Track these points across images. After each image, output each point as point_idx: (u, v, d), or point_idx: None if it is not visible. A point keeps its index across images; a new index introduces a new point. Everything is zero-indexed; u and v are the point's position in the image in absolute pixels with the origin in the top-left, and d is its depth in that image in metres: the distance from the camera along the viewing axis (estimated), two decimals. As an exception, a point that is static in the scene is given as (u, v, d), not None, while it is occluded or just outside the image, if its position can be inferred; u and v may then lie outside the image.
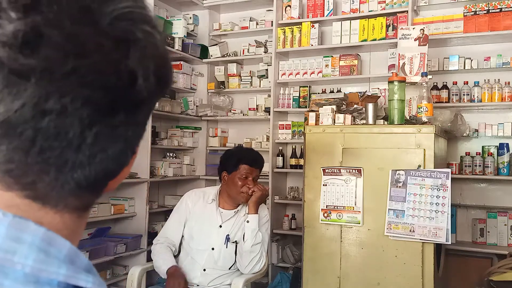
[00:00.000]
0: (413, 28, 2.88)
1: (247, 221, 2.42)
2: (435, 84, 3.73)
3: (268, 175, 4.07)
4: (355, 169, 2.40)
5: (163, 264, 2.38)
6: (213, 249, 2.43)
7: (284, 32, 4.19)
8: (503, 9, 3.55)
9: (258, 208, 2.45)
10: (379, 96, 3.40)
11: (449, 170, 2.30)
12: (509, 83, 3.57)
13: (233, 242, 2.45)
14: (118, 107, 0.39)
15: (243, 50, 4.46)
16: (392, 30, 3.80)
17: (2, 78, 0.35)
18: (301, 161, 3.91)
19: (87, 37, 0.36)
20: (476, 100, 3.64)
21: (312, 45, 4.08)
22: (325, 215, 2.45)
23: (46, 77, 0.35)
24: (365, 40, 3.90)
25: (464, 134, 3.57)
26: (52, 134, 0.37)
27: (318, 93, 4.00)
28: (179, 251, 2.55)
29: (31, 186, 0.38)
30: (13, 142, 0.36)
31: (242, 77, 4.48)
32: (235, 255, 2.45)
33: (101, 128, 0.39)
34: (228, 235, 2.45)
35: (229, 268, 2.46)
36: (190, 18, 4.52)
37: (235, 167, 2.45)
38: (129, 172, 0.48)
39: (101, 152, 0.40)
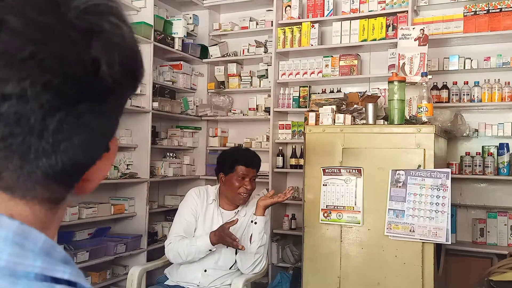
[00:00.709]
0: (413, 28, 2.88)
1: (255, 223, 2.39)
2: (435, 84, 3.73)
3: (268, 175, 4.07)
4: (355, 169, 2.40)
5: (199, 242, 2.31)
6: (213, 250, 2.43)
7: (284, 32, 4.19)
8: (503, 9, 3.55)
9: (264, 209, 2.43)
10: (379, 96, 3.40)
11: (449, 170, 2.30)
12: (509, 83, 3.57)
13: None
14: (82, 95, 0.39)
15: (243, 50, 4.46)
16: (392, 30, 3.80)
17: None
18: (301, 161, 3.91)
19: (49, 26, 0.37)
20: (476, 100, 3.64)
21: (312, 45, 4.08)
22: (325, 215, 2.45)
23: (5, 60, 0.35)
24: (365, 40, 3.90)
25: (464, 134, 3.57)
26: (13, 120, 0.36)
27: (318, 93, 4.00)
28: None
29: None
30: None
31: (242, 77, 4.48)
32: (235, 255, 2.45)
33: (64, 115, 0.38)
34: None
35: (230, 268, 2.45)
36: (190, 18, 4.52)
37: (232, 169, 2.44)
38: (107, 171, 0.47)
39: (66, 140, 0.39)
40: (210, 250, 2.32)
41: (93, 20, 0.39)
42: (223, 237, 2.25)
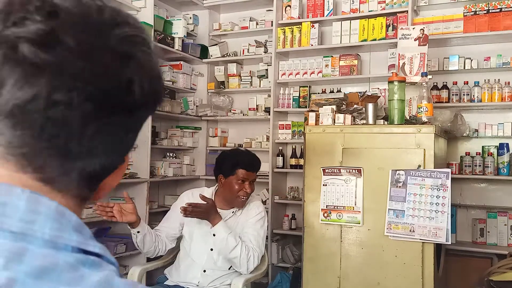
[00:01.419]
0: (413, 28, 2.88)
1: (213, 235, 2.34)
2: (435, 84, 3.73)
3: (268, 175, 4.07)
4: (355, 169, 2.41)
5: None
6: (211, 249, 2.43)
7: (284, 32, 4.19)
8: (503, 9, 3.54)
9: (217, 216, 2.35)
10: (379, 96, 3.40)
11: (449, 170, 2.30)
12: (509, 83, 3.57)
13: None
14: (116, 108, 0.46)
15: (243, 50, 4.46)
16: (392, 30, 3.80)
17: (22, 70, 0.41)
18: (301, 161, 3.91)
19: (96, 47, 0.44)
20: (476, 100, 3.64)
21: (312, 45, 4.08)
22: (325, 215, 2.45)
23: (58, 72, 0.41)
24: (365, 40, 3.90)
25: (464, 134, 3.57)
26: (59, 123, 0.42)
27: (318, 93, 4.00)
28: (179, 251, 2.55)
29: (41, 170, 0.44)
30: (27, 129, 0.42)
31: (242, 77, 4.48)
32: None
33: (100, 124, 0.45)
34: None
35: (229, 269, 2.45)
36: (190, 18, 4.52)
37: (232, 172, 2.42)
38: (117, 182, 0.53)
39: (98, 146, 0.46)
40: (138, 231, 2.29)
41: (129, 47, 0.47)
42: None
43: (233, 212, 2.49)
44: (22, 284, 0.36)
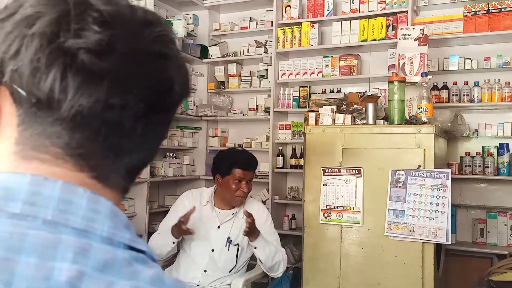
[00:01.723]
0: (413, 28, 2.88)
1: (255, 248, 2.34)
2: (435, 84, 3.73)
3: (268, 175, 4.07)
4: (355, 169, 2.41)
5: (165, 235, 2.37)
6: (213, 250, 2.42)
7: (284, 32, 4.19)
8: (503, 9, 3.55)
9: (256, 230, 2.36)
10: (379, 96, 3.40)
11: (449, 170, 2.30)
12: (509, 83, 3.57)
13: (235, 245, 2.44)
14: (162, 106, 0.50)
15: (243, 50, 4.46)
16: (392, 30, 3.80)
17: (82, 78, 0.43)
18: (301, 161, 3.91)
19: (143, 51, 0.47)
20: (476, 100, 3.64)
21: (312, 45, 4.08)
22: (325, 215, 2.45)
23: (115, 78, 0.45)
24: (365, 40, 3.90)
25: (464, 134, 3.57)
26: (113, 125, 0.46)
27: (318, 93, 4.00)
28: (178, 251, 2.55)
29: (96, 168, 0.47)
30: (85, 131, 0.45)
31: (242, 77, 4.48)
32: (237, 257, 2.44)
33: (147, 122, 0.49)
34: (229, 237, 2.44)
35: (230, 271, 2.45)
36: (190, 18, 4.52)
37: (229, 171, 2.42)
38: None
39: (143, 143, 0.50)
40: (173, 242, 2.34)
41: (166, 47, 0.50)
42: (178, 227, 2.30)
43: (233, 213, 2.49)
44: (90, 276, 0.40)
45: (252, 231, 2.29)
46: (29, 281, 0.38)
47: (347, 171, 2.42)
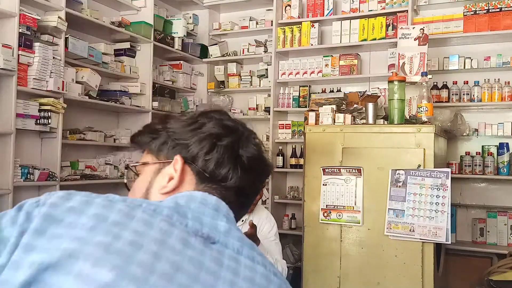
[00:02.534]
0: (413, 28, 2.88)
1: None
2: (435, 83, 3.73)
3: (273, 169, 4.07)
4: (355, 169, 2.40)
5: None
6: None
7: (284, 31, 4.19)
8: (503, 9, 3.54)
9: (257, 239, 2.31)
10: (379, 96, 3.40)
11: (449, 169, 2.30)
12: (509, 83, 3.57)
13: None
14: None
15: (243, 50, 4.46)
16: (392, 30, 3.80)
17: (242, 170, 0.78)
18: (301, 161, 3.91)
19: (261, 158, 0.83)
20: (476, 99, 3.64)
21: (312, 44, 4.08)
22: (325, 214, 2.45)
23: (258, 173, 0.84)
24: (365, 40, 3.90)
25: (464, 134, 3.57)
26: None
27: (318, 93, 4.00)
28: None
29: (230, 204, 0.76)
30: (233, 195, 0.78)
31: (242, 77, 4.48)
32: None
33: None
34: None
35: None
36: (190, 17, 4.51)
37: None
38: None
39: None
40: None
41: (254, 161, 0.81)
42: None
43: (243, 220, 2.49)
44: (232, 244, 0.69)
45: (251, 240, 2.29)
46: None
47: (347, 170, 2.42)
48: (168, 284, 0.56)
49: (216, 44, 4.53)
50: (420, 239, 2.25)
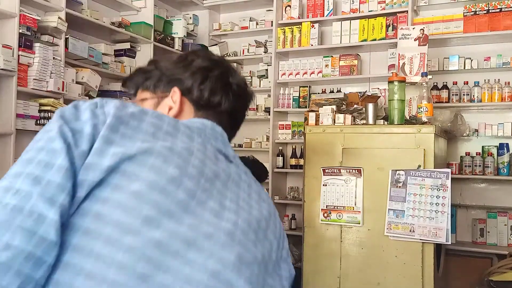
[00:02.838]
0: (413, 28, 2.88)
1: None
2: (435, 84, 3.73)
3: (268, 175, 4.07)
4: (355, 169, 2.41)
5: None
6: None
7: (284, 32, 4.19)
8: (503, 9, 3.55)
9: None
10: (379, 96, 3.40)
11: (449, 170, 2.30)
12: (509, 83, 3.57)
13: None
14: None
15: (243, 50, 4.46)
16: (392, 30, 3.80)
17: (233, 96, 0.89)
18: (301, 161, 3.91)
19: (243, 86, 0.91)
20: (476, 100, 3.64)
21: (312, 45, 4.08)
22: (325, 215, 2.45)
23: (244, 97, 0.93)
24: (365, 40, 3.90)
25: (464, 134, 3.57)
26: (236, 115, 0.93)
27: (318, 93, 4.00)
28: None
29: (221, 124, 0.87)
30: (226, 118, 0.90)
31: (242, 77, 4.48)
32: None
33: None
34: None
35: None
36: (190, 18, 4.52)
37: None
38: None
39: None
40: None
41: (244, 89, 0.91)
42: None
43: None
44: (241, 166, 0.85)
45: None
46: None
47: (347, 171, 2.42)
48: (211, 188, 0.70)
49: (216, 44, 4.53)
50: (420, 239, 2.25)
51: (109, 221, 0.59)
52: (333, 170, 2.45)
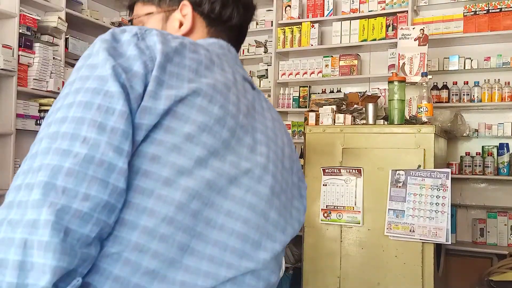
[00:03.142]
0: (413, 28, 2.88)
1: None
2: (435, 84, 3.73)
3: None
4: (355, 169, 2.41)
5: None
6: None
7: (284, 32, 4.19)
8: (503, 9, 3.55)
9: None
10: (379, 96, 3.40)
11: (449, 170, 2.30)
12: (509, 83, 3.57)
13: None
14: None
15: (243, 50, 4.46)
16: (392, 30, 3.80)
17: (243, 8, 0.92)
18: (301, 161, 3.91)
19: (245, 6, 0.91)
20: (476, 100, 3.64)
21: (312, 45, 4.08)
22: (325, 215, 2.45)
23: (250, 9, 0.97)
24: (365, 40, 3.90)
25: (464, 134, 3.57)
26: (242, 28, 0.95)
27: (318, 93, 4.00)
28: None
29: (230, 41, 0.86)
30: (236, 32, 0.91)
31: (242, 77, 4.48)
32: None
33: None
34: None
35: None
36: (190, 18, 4.51)
37: None
38: None
39: None
40: None
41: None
42: None
43: None
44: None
45: None
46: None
47: (347, 171, 2.42)
48: (246, 123, 0.71)
49: (216, 44, 4.53)
50: (420, 239, 2.25)
51: (165, 163, 0.61)
52: (333, 170, 2.45)
